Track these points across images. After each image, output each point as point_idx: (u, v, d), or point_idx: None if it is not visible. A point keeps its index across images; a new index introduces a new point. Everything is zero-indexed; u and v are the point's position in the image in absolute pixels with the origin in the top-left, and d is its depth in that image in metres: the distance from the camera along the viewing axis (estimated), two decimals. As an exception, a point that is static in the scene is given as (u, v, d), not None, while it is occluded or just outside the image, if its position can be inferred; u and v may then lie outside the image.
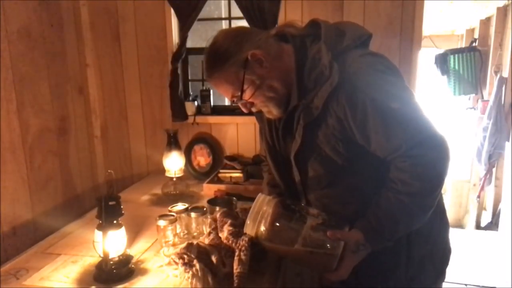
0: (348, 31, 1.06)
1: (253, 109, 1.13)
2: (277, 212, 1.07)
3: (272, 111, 1.11)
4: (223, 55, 1.05)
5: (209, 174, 2.19)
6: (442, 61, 3.98)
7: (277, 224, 1.06)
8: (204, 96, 2.29)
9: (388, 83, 0.99)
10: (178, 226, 1.43)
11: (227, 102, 2.51)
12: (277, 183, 1.27)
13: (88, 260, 1.32)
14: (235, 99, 1.10)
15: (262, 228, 1.07)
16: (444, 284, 1.23)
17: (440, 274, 1.19)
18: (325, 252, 1.00)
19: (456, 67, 3.87)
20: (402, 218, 0.99)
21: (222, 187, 1.94)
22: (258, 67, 1.05)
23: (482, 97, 3.90)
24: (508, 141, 3.35)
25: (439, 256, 1.17)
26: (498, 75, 3.48)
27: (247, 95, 1.07)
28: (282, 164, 1.20)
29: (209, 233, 1.36)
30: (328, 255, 1.00)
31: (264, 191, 1.34)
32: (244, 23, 2.16)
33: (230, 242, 1.24)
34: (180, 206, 1.53)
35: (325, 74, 0.99)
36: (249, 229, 1.10)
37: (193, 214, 1.46)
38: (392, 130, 0.95)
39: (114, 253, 1.21)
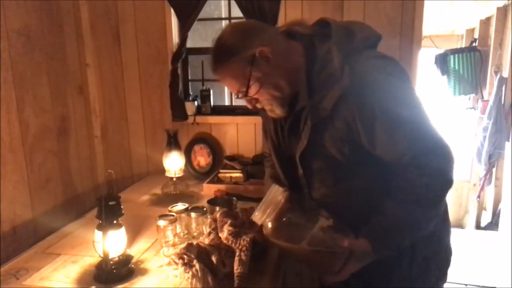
0: (358, 32, 1.05)
1: (258, 105, 1.12)
2: (288, 207, 1.05)
3: (275, 110, 1.11)
4: (230, 50, 1.04)
5: (209, 174, 2.19)
6: (442, 61, 3.98)
7: (285, 218, 1.04)
8: (204, 96, 2.29)
9: (398, 89, 0.99)
10: (178, 226, 1.43)
11: (227, 102, 2.51)
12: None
13: (88, 260, 1.32)
14: (240, 95, 1.09)
15: (268, 220, 1.04)
16: (444, 284, 1.23)
17: (442, 276, 1.19)
18: (333, 255, 0.99)
19: (456, 67, 3.87)
20: (408, 227, 0.98)
21: (222, 187, 1.94)
22: (265, 64, 1.04)
23: (482, 97, 3.90)
24: (508, 141, 3.35)
25: (441, 257, 1.17)
26: (498, 75, 3.49)
27: (252, 92, 1.07)
28: (287, 162, 1.20)
29: (209, 233, 1.36)
30: (335, 257, 0.99)
31: (267, 184, 1.34)
32: (244, 23, 2.16)
33: (230, 242, 1.24)
34: (180, 206, 1.53)
35: (335, 76, 0.98)
36: (257, 218, 1.07)
37: (193, 214, 1.46)
38: (399, 136, 0.95)
39: (114, 253, 1.21)
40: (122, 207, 1.24)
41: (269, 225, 1.05)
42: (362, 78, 0.97)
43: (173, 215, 1.43)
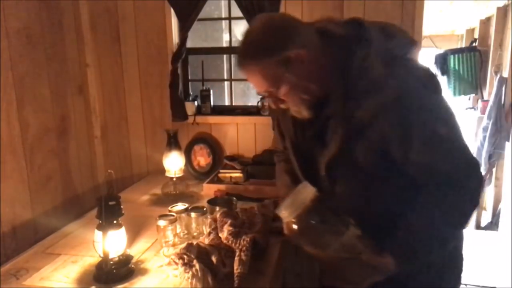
0: (397, 37, 1.01)
1: (283, 106, 1.07)
2: (316, 209, 1.00)
3: (301, 112, 1.06)
4: (264, 48, 0.97)
5: (209, 174, 2.19)
6: (442, 61, 3.99)
7: (313, 221, 0.99)
8: (204, 96, 2.29)
9: (439, 107, 0.97)
10: (178, 226, 1.43)
11: (227, 102, 2.51)
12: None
13: (88, 260, 1.32)
14: (266, 94, 1.04)
15: (293, 220, 0.99)
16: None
17: (457, 280, 1.19)
18: (358, 265, 0.97)
19: (456, 67, 3.88)
20: (435, 245, 0.98)
21: (222, 187, 1.94)
22: (299, 67, 0.98)
23: (482, 97, 3.90)
24: (508, 141, 3.35)
25: (457, 263, 1.18)
26: (498, 75, 3.49)
27: (280, 93, 1.02)
28: (306, 162, 1.16)
29: (209, 233, 1.36)
30: (360, 268, 0.98)
31: (283, 179, 1.30)
32: (244, 23, 2.16)
33: (230, 242, 1.25)
34: (180, 206, 1.53)
35: (377, 86, 0.94)
36: (284, 215, 1.02)
37: (193, 214, 1.46)
38: (436, 156, 0.94)
39: (114, 253, 1.21)
40: (122, 207, 1.24)
41: (295, 226, 1.00)
42: (406, 92, 0.93)
43: (173, 215, 1.43)
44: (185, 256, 1.17)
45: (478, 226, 3.87)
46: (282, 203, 1.03)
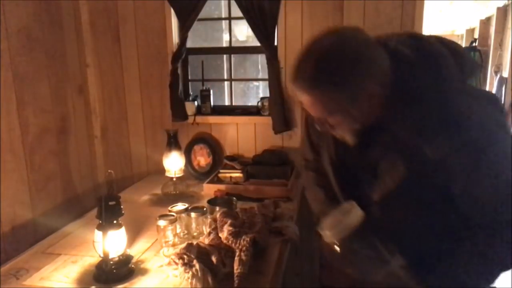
0: (464, 58, 0.94)
1: (330, 130, 0.99)
2: (362, 234, 0.96)
3: (346, 138, 1.00)
4: (334, 79, 0.86)
5: (209, 174, 2.19)
6: (442, 61, 3.98)
7: (358, 246, 0.97)
8: (204, 96, 2.29)
9: (509, 146, 0.91)
10: (178, 226, 1.43)
11: (227, 102, 2.51)
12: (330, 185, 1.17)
13: (88, 260, 1.32)
14: (317, 119, 0.97)
15: (336, 242, 0.98)
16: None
17: None
18: None
19: (456, 67, 3.88)
20: (481, 283, 0.96)
21: (222, 187, 1.94)
22: (365, 104, 0.90)
23: (482, 97, 3.90)
24: (508, 141, 3.35)
25: None
26: (498, 75, 3.49)
27: (334, 121, 0.94)
28: (345, 181, 1.11)
29: (209, 233, 1.36)
30: None
31: (315, 193, 1.24)
32: (244, 23, 2.16)
33: (230, 242, 1.25)
34: (180, 206, 1.53)
35: (453, 125, 0.87)
36: (327, 236, 0.98)
37: (193, 214, 1.46)
38: (499, 199, 0.90)
39: (114, 253, 1.21)
40: (122, 207, 1.24)
41: (337, 248, 0.98)
42: (482, 136, 0.87)
43: (173, 215, 1.43)
44: (185, 256, 1.17)
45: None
46: (324, 221, 0.99)
